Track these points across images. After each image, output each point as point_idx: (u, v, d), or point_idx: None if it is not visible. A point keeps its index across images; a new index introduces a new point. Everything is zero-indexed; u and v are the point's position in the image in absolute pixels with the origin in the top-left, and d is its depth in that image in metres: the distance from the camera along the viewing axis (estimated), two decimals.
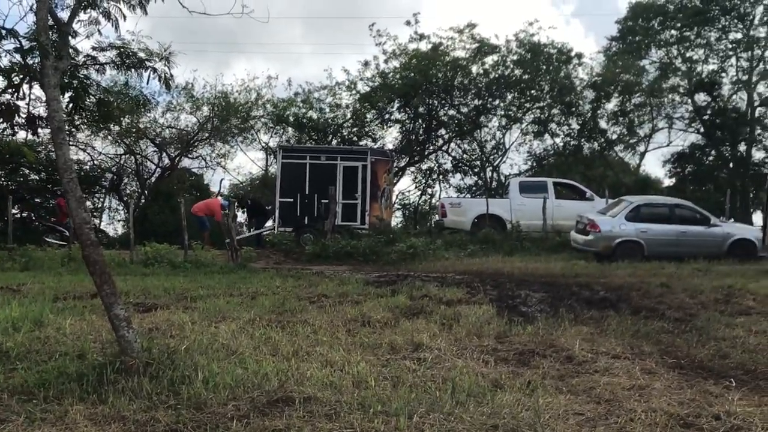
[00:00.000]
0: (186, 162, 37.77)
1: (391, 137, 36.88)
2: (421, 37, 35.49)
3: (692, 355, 9.00)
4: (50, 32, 8.28)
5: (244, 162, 72.04)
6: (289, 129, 35.99)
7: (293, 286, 15.04)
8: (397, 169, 34.42)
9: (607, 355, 8.80)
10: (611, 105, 37.33)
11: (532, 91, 35.91)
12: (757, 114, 38.50)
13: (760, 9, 38.32)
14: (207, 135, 36.46)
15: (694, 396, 7.19)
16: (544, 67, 35.52)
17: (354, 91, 35.97)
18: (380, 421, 6.17)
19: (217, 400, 6.69)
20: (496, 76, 35.37)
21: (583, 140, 37.23)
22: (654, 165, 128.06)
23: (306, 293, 13.81)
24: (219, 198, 28.92)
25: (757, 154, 38.65)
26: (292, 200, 26.21)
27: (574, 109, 36.24)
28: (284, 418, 6.26)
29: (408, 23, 36.21)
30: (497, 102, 36.20)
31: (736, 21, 38.71)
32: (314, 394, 6.86)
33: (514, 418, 6.29)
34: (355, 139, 35.50)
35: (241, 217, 30.64)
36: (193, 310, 11.56)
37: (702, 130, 38.55)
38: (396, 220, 34.57)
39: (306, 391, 6.93)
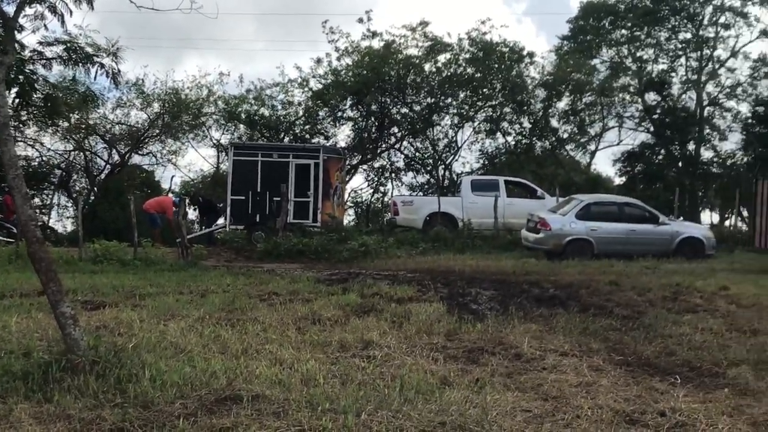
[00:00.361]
0: (136, 159, 37.36)
1: (343, 135, 36.85)
2: (374, 34, 35.46)
3: (639, 352, 9.15)
4: None
5: (196, 159, 71.48)
6: (241, 126, 35.77)
7: (244, 284, 14.97)
8: (349, 167, 34.31)
9: (556, 352, 8.91)
10: (562, 104, 37.64)
11: (485, 90, 35.88)
12: (705, 113, 39.18)
13: (709, 9, 39.07)
14: (158, 131, 36.12)
15: (640, 393, 7.29)
16: (496, 65, 35.57)
17: (306, 89, 35.81)
18: (328, 418, 6.16)
19: (165, 399, 6.64)
20: (449, 74, 35.34)
21: (534, 139, 37.44)
22: (604, 164, 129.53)
23: (257, 291, 13.76)
24: (171, 195, 28.70)
25: (706, 153, 39.44)
26: (243, 198, 26.12)
27: (525, 107, 36.41)
28: (232, 416, 6.23)
29: (361, 21, 36.00)
30: (450, 100, 36.19)
31: (685, 21, 39.37)
32: (263, 392, 6.84)
33: (462, 416, 6.32)
34: (307, 136, 35.35)
35: (193, 214, 30.47)
36: (142, 308, 11.48)
37: (652, 129, 39.12)
38: (348, 218, 34.61)
39: (254, 389, 6.91)
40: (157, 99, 35.44)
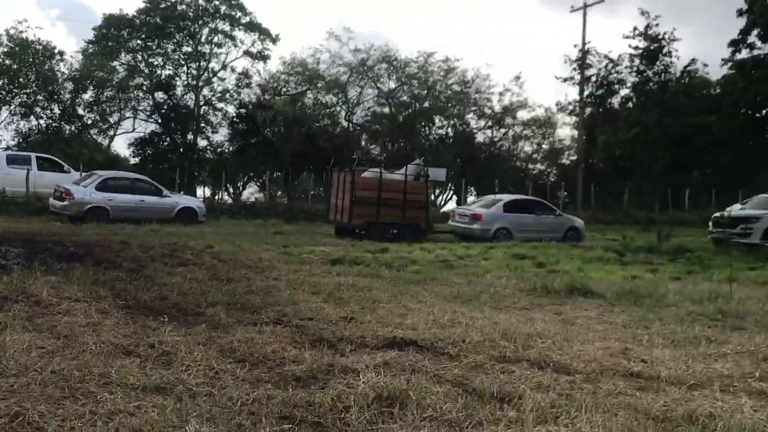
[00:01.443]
0: None
1: None
2: None
3: (139, 297, 8.95)
4: None
5: None
6: None
7: None
8: None
9: (70, 299, 8.43)
10: (87, 96, 36.78)
11: (20, 79, 33.96)
12: (202, 111, 40.14)
13: (206, 30, 40.12)
14: None
15: (137, 330, 7.12)
16: (31, 59, 33.77)
17: None
18: None
19: None
20: None
21: (63, 123, 36.11)
22: (122, 146, 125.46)
23: None
24: None
25: (201, 142, 40.82)
26: None
27: (56, 96, 35.02)
28: None
29: None
30: None
31: (188, 38, 39.83)
32: None
33: None
34: None
35: None
36: None
37: (160, 121, 39.19)
38: None
39: None
40: None
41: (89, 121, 37.13)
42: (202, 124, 40.10)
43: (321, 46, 43.03)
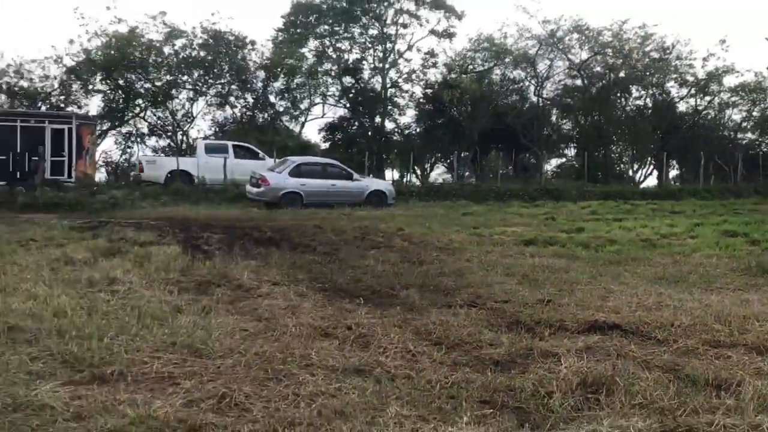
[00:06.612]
0: None
1: (94, 105, 37.36)
2: (120, 20, 36.11)
3: (335, 280, 9.79)
4: None
5: None
6: (2, 96, 35.11)
7: (5, 231, 14.47)
8: (100, 131, 35.40)
9: (269, 282, 9.41)
10: (278, 83, 39.69)
11: (215, 70, 37.78)
12: (389, 94, 41.91)
13: (391, 11, 42.01)
14: None
15: (333, 312, 7.84)
16: (224, 50, 37.57)
17: (61, 65, 35.77)
18: (75, 343, 6.22)
19: None
20: (185, 56, 37.09)
21: (256, 111, 39.65)
22: (312, 132, 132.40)
23: (16, 238, 13.38)
24: None
25: (389, 125, 42.95)
26: (5, 158, 25.92)
27: (249, 85, 38.73)
28: None
29: (108, 8, 42.59)
30: (186, 78, 37.74)
31: (373, 20, 41.85)
32: (17, 324, 6.81)
33: (190, 336, 6.60)
34: (62, 105, 35.28)
35: None
36: None
37: (348, 105, 41.57)
38: (100, 175, 34.71)
39: (10, 321, 6.85)
40: None
41: (281, 109, 40.48)
42: (389, 107, 41.86)
43: (508, 19, 43.60)
